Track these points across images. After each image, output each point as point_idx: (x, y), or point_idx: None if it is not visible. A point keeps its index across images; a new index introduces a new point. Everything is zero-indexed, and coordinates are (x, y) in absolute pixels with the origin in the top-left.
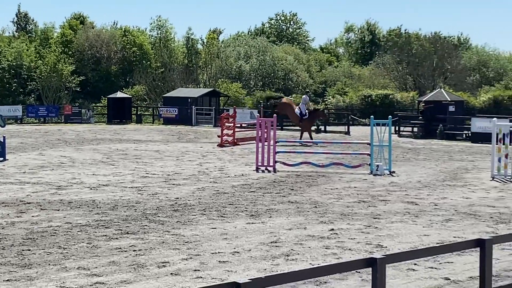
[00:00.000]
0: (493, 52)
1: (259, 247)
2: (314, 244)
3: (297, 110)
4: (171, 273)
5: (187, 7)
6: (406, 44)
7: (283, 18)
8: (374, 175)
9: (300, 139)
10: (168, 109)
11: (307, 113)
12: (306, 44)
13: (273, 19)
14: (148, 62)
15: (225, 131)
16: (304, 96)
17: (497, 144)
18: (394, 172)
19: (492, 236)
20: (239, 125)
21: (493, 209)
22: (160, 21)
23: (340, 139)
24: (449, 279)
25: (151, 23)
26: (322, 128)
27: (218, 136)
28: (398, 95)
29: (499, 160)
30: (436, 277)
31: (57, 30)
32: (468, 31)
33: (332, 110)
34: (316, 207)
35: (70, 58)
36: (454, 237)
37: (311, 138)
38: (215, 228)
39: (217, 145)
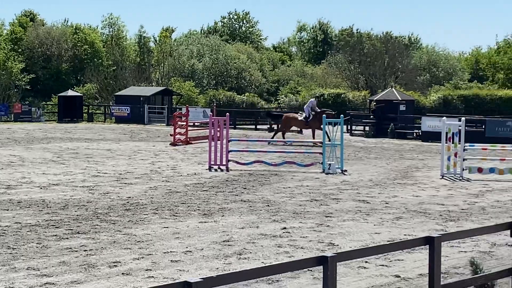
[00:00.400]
0: (442, 52)
1: (212, 246)
2: (267, 242)
3: (300, 117)
4: (123, 273)
5: (139, 5)
6: (357, 43)
7: (235, 17)
8: (326, 173)
9: (313, 138)
10: (120, 107)
11: (311, 115)
12: (259, 43)
13: (225, 18)
14: (100, 60)
15: (177, 130)
16: (311, 99)
17: (446, 143)
18: (346, 170)
19: (441, 233)
20: (191, 124)
21: (443, 207)
22: (111, 18)
23: (293, 138)
24: (399, 277)
25: (103, 21)
26: (275, 127)
27: (171, 135)
28: (350, 94)
29: (448, 159)
30: (386, 275)
31: (7, 27)
32: (418, 31)
33: (285, 109)
34: (268, 205)
35: (19, 55)
36: (405, 235)
37: (314, 138)
38: (167, 227)
39: (170, 144)
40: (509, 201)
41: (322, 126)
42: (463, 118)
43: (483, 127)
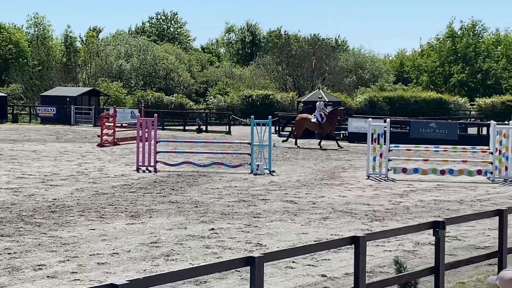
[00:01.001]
0: (368, 55)
1: (139, 247)
2: (195, 244)
3: (313, 119)
4: (48, 276)
5: (66, 4)
6: (285, 45)
7: (163, 17)
8: (255, 174)
9: (320, 142)
10: (46, 108)
11: (324, 117)
12: (188, 44)
13: (153, 18)
14: (25, 60)
15: (105, 131)
16: (318, 103)
17: (372, 143)
18: (274, 171)
19: (366, 233)
20: (119, 124)
21: (368, 207)
22: (37, 18)
23: (221, 139)
24: (326, 276)
25: (28, 20)
26: (203, 128)
27: (98, 136)
28: (278, 95)
29: (374, 159)
30: (313, 274)
31: None
32: (345, 34)
33: (214, 110)
34: (196, 206)
35: None
36: (331, 235)
37: (338, 146)
38: (94, 229)
39: (97, 145)
40: (432, 201)
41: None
42: (388, 120)
43: (408, 128)
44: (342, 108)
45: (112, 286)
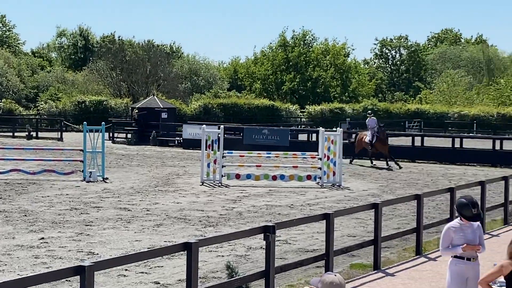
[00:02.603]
0: (203, 62)
1: None
2: (23, 254)
3: (367, 138)
4: None
5: None
6: (119, 51)
7: None
8: (87, 181)
9: (371, 159)
10: None
11: (375, 136)
12: (17, 48)
13: None
14: None
15: None
16: (371, 118)
17: (206, 150)
18: (107, 178)
19: (199, 239)
20: None
21: (202, 213)
22: None
23: (53, 146)
24: (159, 283)
25: None
26: (34, 134)
27: None
28: (112, 101)
29: (208, 166)
30: (146, 282)
31: None
32: (180, 40)
33: (45, 116)
34: (26, 215)
35: None
36: (165, 241)
37: (397, 165)
38: None
39: None
40: (264, 206)
41: (386, 146)
42: (222, 126)
43: (241, 134)
44: (382, 125)
45: None
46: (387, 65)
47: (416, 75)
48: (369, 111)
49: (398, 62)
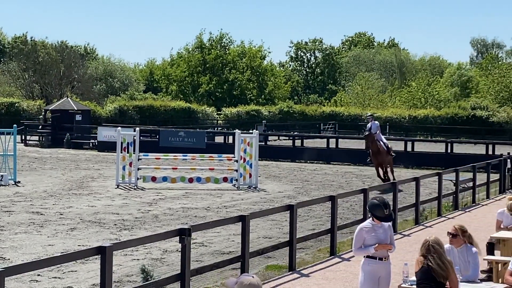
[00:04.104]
0: (118, 63)
1: None
2: None
3: (383, 144)
4: None
5: None
6: (32, 51)
7: None
8: None
9: (385, 178)
10: None
11: (388, 145)
12: None
13: None
14: None
15: None
16: (375, 122)
17: (121, 152)
18: (19, 182)
19: (113, 243)
20: None
21: (118, 216)
22: None
23: None
24: None
25: None
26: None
27: None
28: (25, 103)
29: (124, 168)
30: (59, 287)
31: None
32: (94, 42)
33: None
34: None
35: None
36: (79, 245)
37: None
38: None
39: None
40: (181, 208)
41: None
42: (137, 128)
43: (157, 137)
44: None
45: None
46: (303, 68)
47: (331, 77)
48: (369, 114)
49: (313, 65)
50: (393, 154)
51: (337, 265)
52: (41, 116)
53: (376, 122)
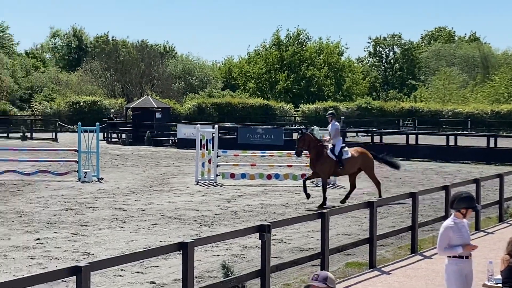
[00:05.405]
0: (197, 61)
1: None
2: (19, 255)
3: (329, 152)
4: None
5: None
6: (113, 51)
7: None
8: (82, 182)
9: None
10: None
11: (342, 151)
12: (11, 49)
13: None
14: None
15: None
16: (335, 123)
17: (201, 149)
18: (102, 178)
19: (194, 239)
20: None
21: (197, 213)
22: None
23: (47, 146)
24: (155, 283)
25: None
26: (28, 135)
27: None
28: (107, 101)
29: (203, 165)
30: (142, 282)
31: None
32: (173, 40)
33: (39, 117)
34: (21, 216)
35: None
36: (160, 241)
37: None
38: None
39: None
40: (259, 205)
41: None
42: (216, 126)
43: (236, 134)
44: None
45: None
46: (381, 64)
47: (410, 73)
48: (329, 112)
49: (392, 61)
50: (341, 167)
51: (419, 263)
52: (110, 116)
53: (337, 123)
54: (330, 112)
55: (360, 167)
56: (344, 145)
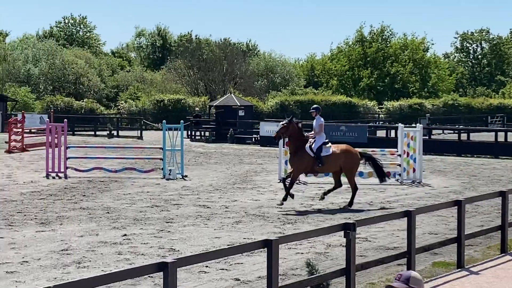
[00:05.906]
0: (279, 59)
1: (49, 255)
2: (107, 250)
3: (308, 148)
4: None
5: None
6: (197, 49)
7: (72, 21)
8: (167, 179)
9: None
10: None
11: (323, 147)
12: (97, 48)
13: (61, 23)
14: None
15: (13, 137)
16: (320, 117)
17: (283, 147)
18: (186, 176)
19: (279, 236)
20: (28, 130)
21: (281, 210)
22: None
23: (133, 144)
24: (239, 280)
25: None
26: (115, 133)
27: (6, 142)
28: (190, 99)
29: (286, 163)
30: (227, 278)
31: None
32: (256, 38)
33: (125, 115)
34: (108, 212)
35: None
36: (244, 238)
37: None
38: (2, 237)
39: (5, 152)
40: (343, 203)
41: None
42: (300, 123)
43: None
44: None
45: None
46: (468, 59)
47: (499, 69)
48: (314, 106)
49: (480, 56)
50: (319, 165)
51: (509, 263)
52: (196, 114)
53: (322, 118)
54: (314, 106)
55: (341, 165)
56: (327, 141)
